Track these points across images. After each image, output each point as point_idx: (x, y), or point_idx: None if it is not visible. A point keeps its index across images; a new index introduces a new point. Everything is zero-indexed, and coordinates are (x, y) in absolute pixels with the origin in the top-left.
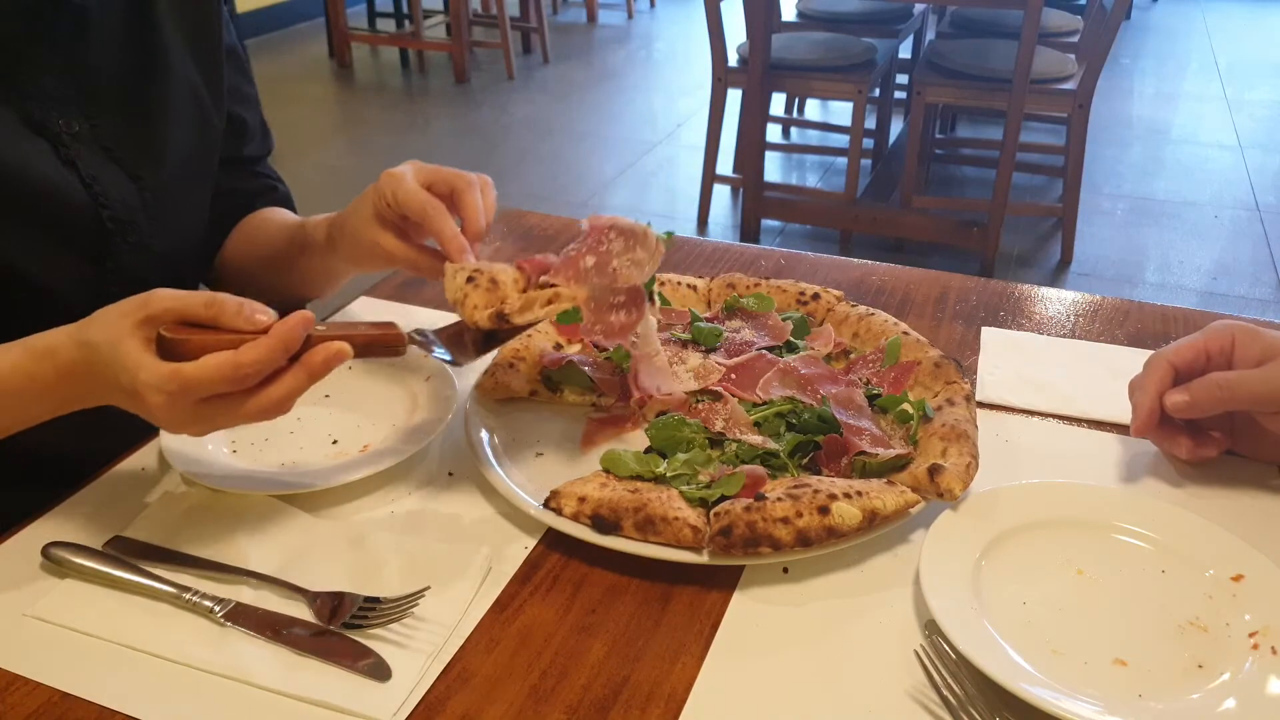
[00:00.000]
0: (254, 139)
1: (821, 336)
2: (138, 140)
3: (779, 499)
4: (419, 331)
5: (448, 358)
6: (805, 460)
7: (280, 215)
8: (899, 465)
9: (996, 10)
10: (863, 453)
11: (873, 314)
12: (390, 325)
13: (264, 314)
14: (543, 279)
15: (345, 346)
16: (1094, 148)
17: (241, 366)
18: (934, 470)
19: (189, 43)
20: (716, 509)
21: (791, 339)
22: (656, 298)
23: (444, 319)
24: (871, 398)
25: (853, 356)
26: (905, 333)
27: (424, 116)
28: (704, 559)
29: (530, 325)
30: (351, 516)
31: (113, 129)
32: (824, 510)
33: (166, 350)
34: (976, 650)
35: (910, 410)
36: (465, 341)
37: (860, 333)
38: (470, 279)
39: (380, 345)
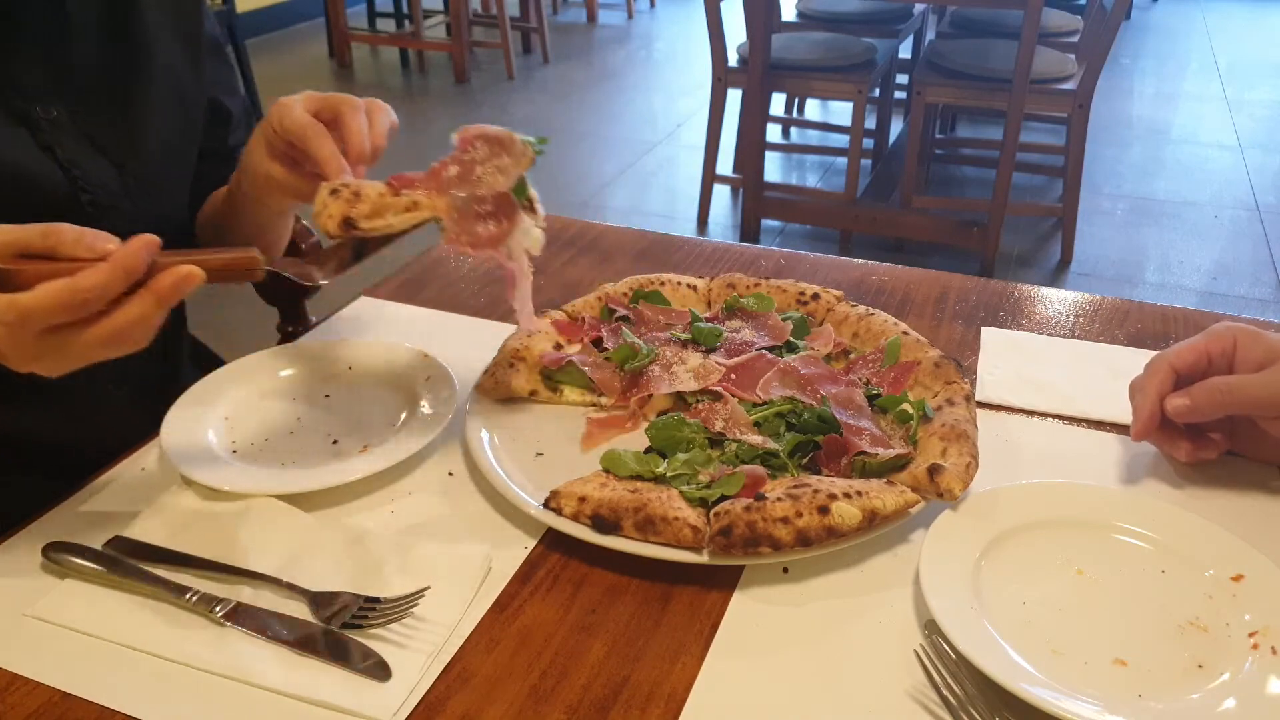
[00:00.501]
0: (239, 128)
1: (821, 336)
2: (119, 128)
3: (779, 499)
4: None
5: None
6: (805, 460)
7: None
8: (899, 465)
9: (996, 10)
10: (863, 453)
11: (873, 314)
12: (247, 249)
13: (108, 242)
14: (403, 191)
15: (196, 270)
16: (1094, 148)
17: (79, 292)
18: (934, 470)
19: (171, 30)
20: (716, 509)
21: (791, 339)
22: (539, 208)
23: (445, 320)
24: (871, 398)
25: (853, 356)
26: (905, 333)
27: (424, 116)
28: (704, 559)
29: (392, 236)
30: (351, 516)
31: (94, 117)
32: (824, 510)
33: (2, 282)
34: (976, 650)
35: (910, 410)
36: (330, 262)
37: (860, 333)
38: (334, 191)
39: (235, 270)
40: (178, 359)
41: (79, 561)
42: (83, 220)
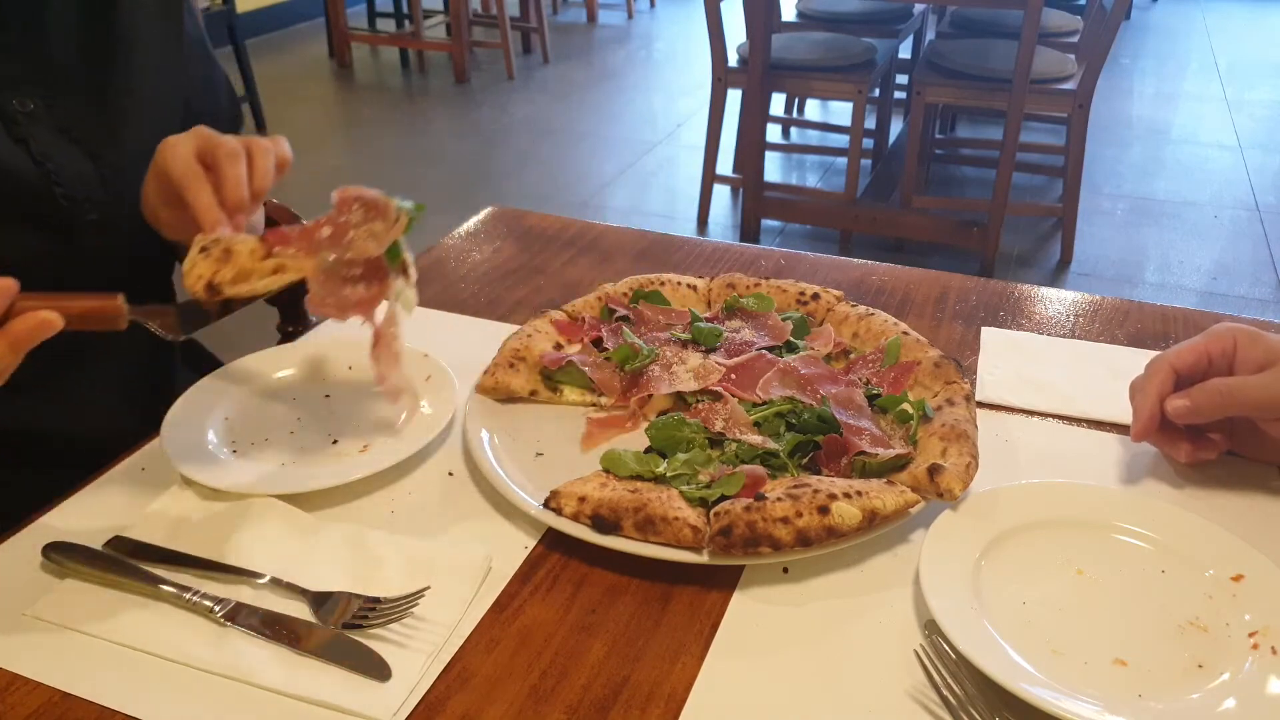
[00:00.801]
0: (213, 128)
1: (821, 336)
2: (97, 120)
3: (779, 499)
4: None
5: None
6: (805, 460)
7: None
8: (899, 465)
9: (996, 10)
10: (863, 453)
11: (873, 314)
12: (110, 297)
13: None
14: (276, 249)
15: (54, 316)
16: (1094, 148)
17: None
18: (934, 470)
19: (153, 27)
20: (716, 509)
21: (791, 339)
22: (413, 272)
23: (445, 320)
24: (871, 398)
25: (853, 356)
26: (905, 333)
27: (424, 116)
28: (704, 559)
29: (256, 296)
30: (351, 516)
31: (70, 109)
32: (824, 510)
33: None
34: (976, 650)
35: (910, 410)
36: (200, 314)
37: (860, 333)
38: (204, 249)
39: (96, 317)
40: (168, 359)
41: (79, 561)
42: (59, 213)
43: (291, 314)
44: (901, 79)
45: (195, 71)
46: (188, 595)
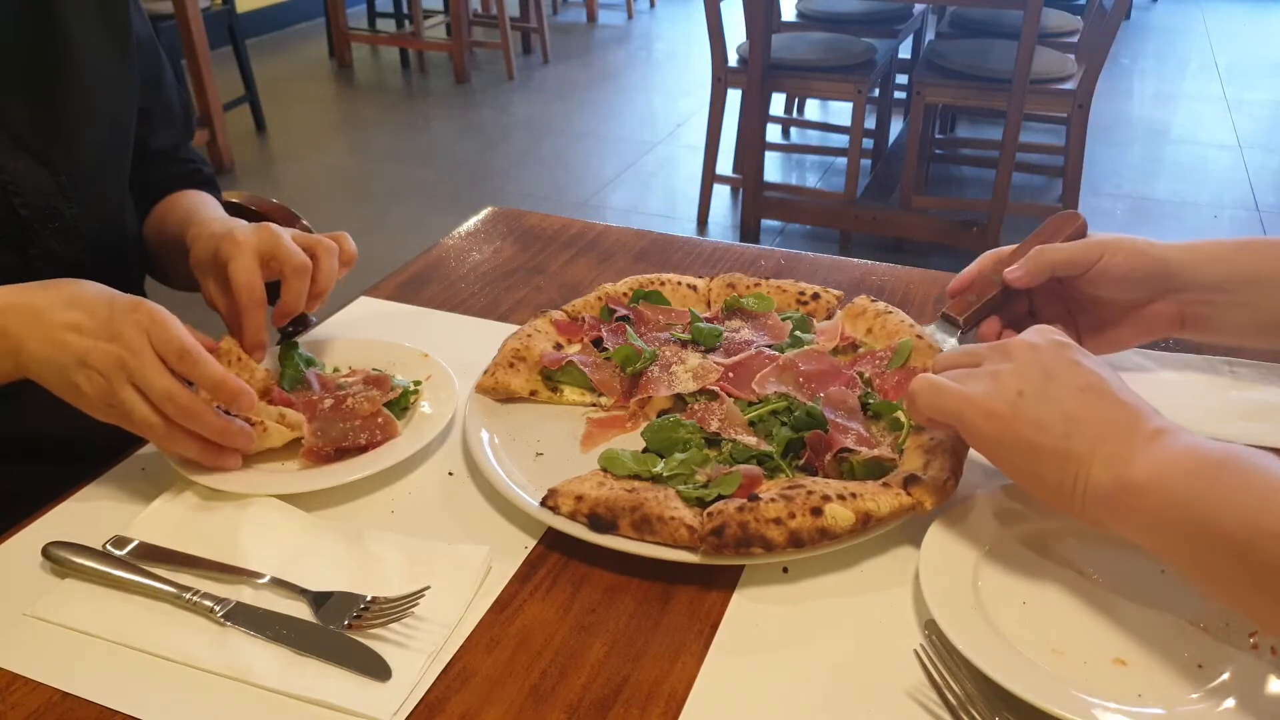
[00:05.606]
0: (167, 128)
1: (827, 332)
2: (47, 126)
3: (772, 500)
4: None
5: None
6: (800, 462)
7: (188, 203)
8: (882, 470)
9: (996, 10)
10: (845, 449)
11: (890, 312)
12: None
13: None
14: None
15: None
16: (1094, 148)
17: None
18: (909, 481)
19: (94, 22)
20: (710, 509)
21: (797, 333)
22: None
23: (445, 320)
24: (865, 405)
25: (861, 351)
26: (919, 336)
27: (424, 116)
28: (698, 559)
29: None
30: (351, 516)
31: (16, 114)
32: (817, 512)
33: None
34: (976, 650)
35: (902, 420)
36: None
37: (874, 329)
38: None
39: None
40: None
41: (79, 561)
42: (20, 224)
43: None
44: (901, 79)
45: (147, 70)
46: (188, 595)
